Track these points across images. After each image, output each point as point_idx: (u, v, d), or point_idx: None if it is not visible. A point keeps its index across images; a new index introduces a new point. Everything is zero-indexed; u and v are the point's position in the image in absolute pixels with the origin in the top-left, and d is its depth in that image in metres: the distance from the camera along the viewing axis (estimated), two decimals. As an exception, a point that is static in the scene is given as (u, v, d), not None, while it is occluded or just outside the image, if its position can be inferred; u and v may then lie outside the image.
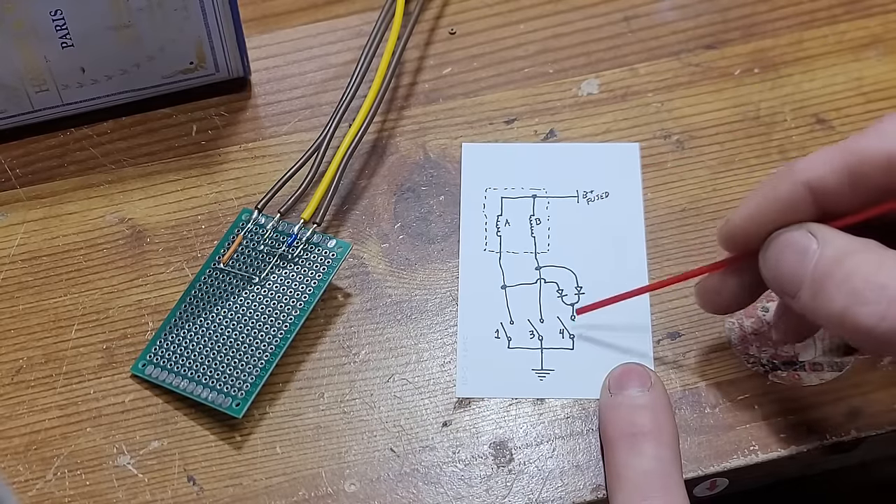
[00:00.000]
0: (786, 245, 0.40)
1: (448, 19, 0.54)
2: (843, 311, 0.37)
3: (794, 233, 0.40)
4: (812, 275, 0.38)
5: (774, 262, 0.40)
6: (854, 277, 0.37)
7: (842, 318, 0.37)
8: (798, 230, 0.40)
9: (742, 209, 0.41)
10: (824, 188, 0.39)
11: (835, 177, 0.39)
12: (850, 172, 0.39)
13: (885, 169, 0.38)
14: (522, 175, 0.49)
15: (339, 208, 0.49)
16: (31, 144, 0.51)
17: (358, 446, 0.44)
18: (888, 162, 0.38)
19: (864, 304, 0.37)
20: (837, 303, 0.37)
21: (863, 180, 0.39)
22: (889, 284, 0.37)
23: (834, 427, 0.44)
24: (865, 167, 0.38)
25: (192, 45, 0.49)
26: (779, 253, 0.40)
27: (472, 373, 0.45)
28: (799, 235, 0.39)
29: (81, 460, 0.44)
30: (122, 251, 0.48)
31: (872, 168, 0.38)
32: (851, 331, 0.37)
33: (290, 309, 0.45)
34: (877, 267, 0.37)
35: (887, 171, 0.38)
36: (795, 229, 0.40)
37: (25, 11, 0.46)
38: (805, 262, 0.39)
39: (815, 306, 0.38)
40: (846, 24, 0.53)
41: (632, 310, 0.46)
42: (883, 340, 0.37)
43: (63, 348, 0.46)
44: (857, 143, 0.39)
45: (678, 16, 0.54)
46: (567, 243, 0.48)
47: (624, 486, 0.41)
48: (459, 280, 0.47)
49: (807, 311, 0.39)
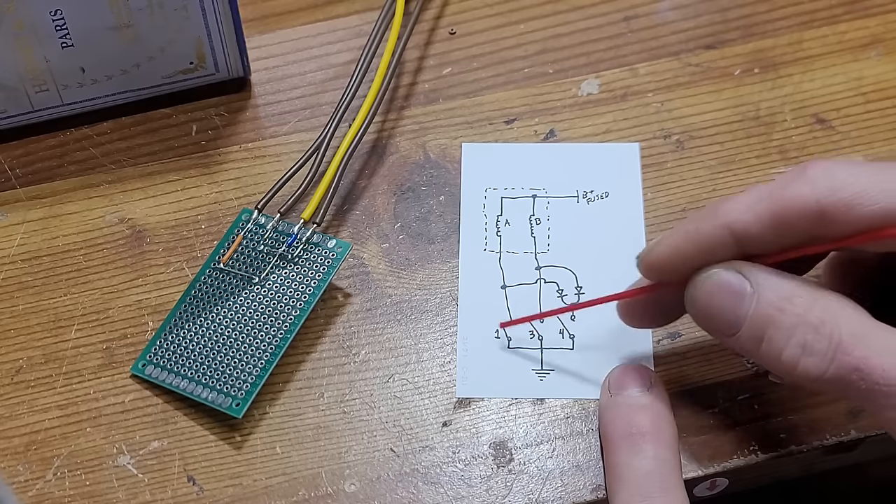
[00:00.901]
0: (718, 287, 0.39)
1: (448, 19, 0.54)
2: (792, 361, 0.38)
3: (725, 274, 0.39)
4: (752, 320, 0.38)
5: (705, 304, 0.40)
6: (800, 328, 0.38)
7: (791, 368, 0.38)
8: (728, 271, 0.39)
9: (664, 242, 0.41)
10: (747, 233, 0.39)
11: (759, 223, 0.39)
12: (776, 219, 0.38)
13: (812, 217, 0.38)
14: (522, 175, 0.49)
15: (339, 208, 0.49)
16: (31, 144, 0.51)
17: (358, 446, 0.44)
18: (817, 209, 0.37)
19: (811, 355, 0.37)
20: (786, 353, 0.38)
21: (788, 227, 0.38)
22: (833, 334, 0.37)
23: (834, 427, 0.44)
24: (792, 215, 0.38)
25: (192, 46, 0.49)
26: (709, 295, 0.39)
27: (472, 373, 0.45)
28: (731, 276, 0.39)
29: (81, 460, 0.44)
30: (122, 251, 0.48)
31: (799, 216, 0.38)
32: (801, 378, 0.38)
33: (290, 309, 0.45)
34: (821, 313, 0.38)
35: (815, 219, 0.38)
36: (724, 270, 0.39)
37: (25, 11, 0.46)
38: (742, 305, 0.39)
39: (760, 352, 0.39)
40: (846, 24, 0.53)
41: (632, 310, 0.46)
42: (830, 386, 0.38)
43: (63, 348, 0.46)
44: (783, 189, 0.38)
45: (678, 16, 0.54)
46: (567, 243, 0.48)
47: (624, 487, 0.41)
48: (459, 280, 0.47)
49: (747, 353, 0.40)
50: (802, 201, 0.38)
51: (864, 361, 0.37)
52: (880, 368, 0.37)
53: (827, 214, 0.37)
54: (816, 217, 0.38)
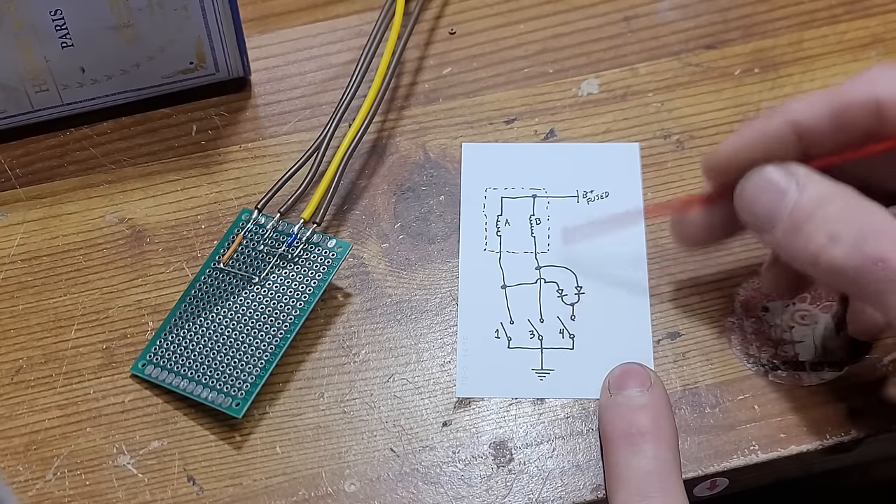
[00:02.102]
0: (766, 182, 0.41)
1: (448, 19, 0.54)
2: (819, 251, 0.39)
3: (775, 172, 0.41)
4: (790, 215, 0.40)
5: (752, 197, 0.41)
6: (832, 220, 0.39)
7: (816, 257, 0.39)
8: (779, 169, 0.41)
9: (730, 141, 0.43)
10: (810, 128, 0.41)
11: (822, 118, 0.41)
12: (837, 115, 0.40)
13: (871, 113, 0.40)
14: (522, 175, 0.49)
15: (339, 208, 0.49)
16: (31, 144, 0.51)
17: (358, 446, 0.44)
18: (876, 106, 0.40)
19: (838, 244, 0.39)
20: (814, 243, 0.39)
21: (849, 123, 0.40)
22: (864, 228, 0.39)
23: (834, 427, 0.44)
24: (853, 110, 0.40)
25: (192, 45, 0.49)
26: (758, 188, 0.41)
27: (472, 373, 0.45)
28: (779, 175, 0.41)
29: (81, 460, 0.44)
30: (122, 251, 0.48)
31: (859, 112, 0.40)
32: (824, 269, 0.39)
33: (290, 309, 0.45)
34: (855, 211, 0.39)
35: (873, 114, 0.40)
36: (776, 167, 0.41)
37: (25, 11, 0.46)
38: (783, 202, 0.40)
39: (790, 244, 0.40)
40: (846, 24, 0.53)
41: (631, 310, 0.46)
42: (852, 279, 0.39)
43: (63, 348, 0.46)
44: (846, 88, 0.41)
45: (678, 16, 0.54)
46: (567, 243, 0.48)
47: (623, 486, 0.41)
48: (459, 280, 0.47)
49: (778, 247, 0.41)
50: (863, 97, 0.40)
51: (890, 252, 0.38)
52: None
53: (884, 110, 0.40)
54: (874, 113, 0.40)
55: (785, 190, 0.40)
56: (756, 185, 0.41)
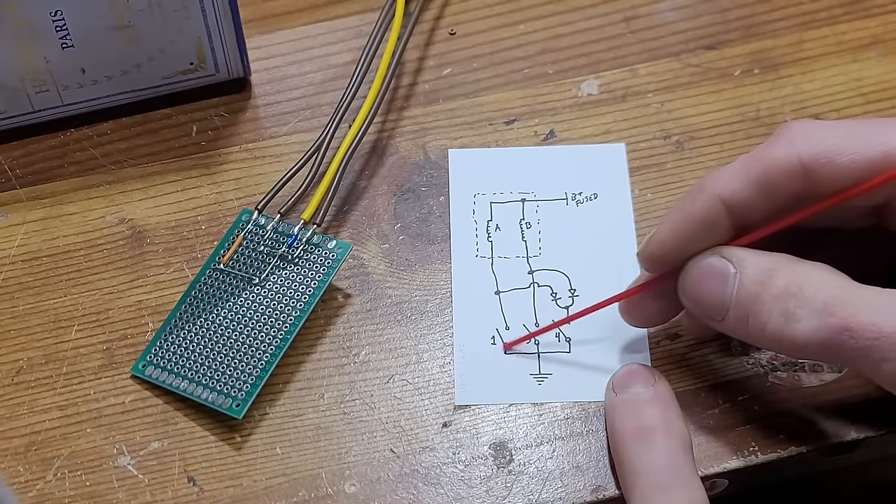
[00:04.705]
0: (703, 273, 0.40)
1: (448, 19, 0.54)
2: (778, 331, 0.38)
3: (709, 259, 0.40)
4: (736, 300, 0.39)
5: (695, 292, 0.41)
6: (781, 297, 0.38)
7: (777, 338, 0.38)
8: (712, 256, 0.40)
9: (660, 230, 0.41)
10: (739, 202, 0.40)
11: (748, 189, 0.39)
12: (762, 184, 0.39)
13: (797, 176, 0.39)
14: (510, 179, 0.49)
15: (339, 209, 0.49)
16: (31, 145, 0.51)
17: (358, 447, 0.44)
18: (800, 168, 0.39)
19: (797, 322, 0.38)
20: (770, 324, 0.38)
21: (776, 190, 0.39)
22: (815, 297, 0.38)
23: (834, 427, 0.44)
24: (777, 177, 0.39)
25: (192, 46, 0.49)
26: (697, 282, 0.40)
27: (470, 380, 0.45)
28: (714, 261, 0.40)
29: (81, 461, 0.44)
30: (122, 252, 0.48)
31: (784, 178, 0.39)
32: (790, 348, 0.38)
33: (290, 310, 0.45)
34: (802, 282, 0.38)
35: (799, 177, 0.39)
36: (709, 255, 0.40)
37: (25, 11, 0.46)
38: (726, 288, 0.39)
39: (746, 329, 0.39)
40: (846, 25, 0.53)
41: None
42: (819, 352, 0.38)
43: (63, 349, 0.46)
44: (765, 151, 0.39)
45: (678, 16, 0.54)
46: (559, 246, 0.48)
47: (639, 482, 0.40)
48: (453, 288, 0.47)
49: (736, 334, 0.40)
50: (785, 160, 0.39)
51: (852, 319, 0.37)
52: (869, 324, 0.37)
53: (810, 170, 0.38)
54: (800, 174, 0.38)
55: (724, 276, 0.39)
56: (694, 279, 0.40)
